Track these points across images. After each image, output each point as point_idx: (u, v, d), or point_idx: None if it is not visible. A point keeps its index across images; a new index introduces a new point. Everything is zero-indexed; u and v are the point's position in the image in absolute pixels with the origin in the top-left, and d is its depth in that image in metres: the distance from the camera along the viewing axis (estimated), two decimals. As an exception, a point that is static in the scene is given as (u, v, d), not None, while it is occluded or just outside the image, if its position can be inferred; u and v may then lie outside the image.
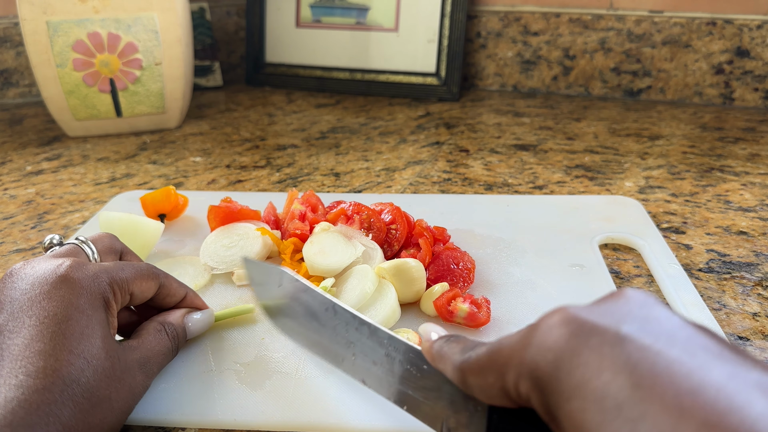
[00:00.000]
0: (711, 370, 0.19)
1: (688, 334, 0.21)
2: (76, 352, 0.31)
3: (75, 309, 0.32)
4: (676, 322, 0.22)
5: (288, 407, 0.37)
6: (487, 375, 0.25)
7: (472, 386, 0.27)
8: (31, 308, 0.32)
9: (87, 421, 0.30)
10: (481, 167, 0.75)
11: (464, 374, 0.27)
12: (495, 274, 0.50)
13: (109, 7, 0.80)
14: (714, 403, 0.18)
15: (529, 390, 0.23)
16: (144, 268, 0.38)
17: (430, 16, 1.02)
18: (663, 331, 0.21)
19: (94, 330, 0.32)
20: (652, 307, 0.23)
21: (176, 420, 0.36)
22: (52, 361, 0.30)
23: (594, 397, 0.20)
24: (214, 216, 0.54)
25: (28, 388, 0.29)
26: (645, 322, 0.22)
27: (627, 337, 0.21)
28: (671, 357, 0.20)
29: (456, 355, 0.28)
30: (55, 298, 0.32)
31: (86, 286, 0.34)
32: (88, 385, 0.31)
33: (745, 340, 0.43)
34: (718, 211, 0.62)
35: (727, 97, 0.97)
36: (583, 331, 0.22)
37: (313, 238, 0.49)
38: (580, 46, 1.02)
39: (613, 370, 0.20)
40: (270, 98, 1.08)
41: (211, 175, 0.74)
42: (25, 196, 0.70)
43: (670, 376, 0.19)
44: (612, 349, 0.21)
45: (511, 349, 0.24)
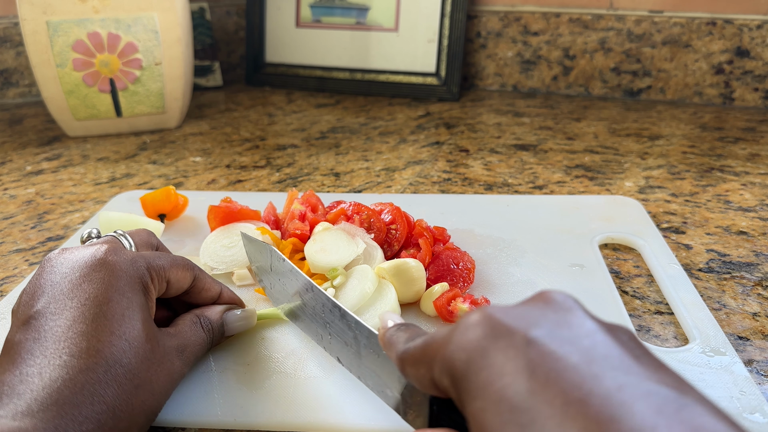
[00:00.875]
0: (603, 380, 0.20)
1: (593, 342, 0.22)
2: (117, 334, 0.31)
3: (115, 291, 0.33)
4: (587, 328, 0.22)
5: (288, 407, 0.37)
6: (419, 366, 0.26)
7: (409, 375, 0.28)
8: (72, 291, 0.32)
9: (130, 402, 0.31)
10: (481, 167, 0.75)
11: (403, 363, 0.28)
12: (495, 274, 0.50)
13: (109, 7, 0.80)
14: (597, 412, 0.18)
15: (448, 385, 0.24)
16: (179, 259, 0.39)
17: (430, 16, 1.02)
18: (569, 337, 0.22)
19: (134, 312, 0.33)
20: (568, 311, 0.23)
21: (176, 420, 0.36)
22: (94, 341, 0.30)
23: (494, 399, 0.21)
24: (214, 216, 0.54)
25: (73, 368, 0.29)
26: (556, 327, 0.22)
27: (533, 341, 0.21)
28: (569, 364, 0.20)
29: (400, 344, 0.29)
30: (96, 281, 0.33)
31: (125, 269, 0.34)
32: (130, 366, 0.31)
33: (745, 340, 0.43)
34: (718, 211, 0.62)
35: (727, 97, 0.97)
36: (494, 333, 0.23)
37: (315, 236, 0.49)
38: (580, 46, 1.02)
39: (514, 372, 0.21)
40: (270, 98, 1.08)
41: (211, 175, 0.74)
42: (25, 196, 0.70)
43: (563, 382, 0.20)
44: (517, 352, 0.21)
45: (439, 343, 0.25)
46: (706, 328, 0.43)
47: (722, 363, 0.40)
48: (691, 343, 0.42)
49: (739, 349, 0.42)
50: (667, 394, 0.19)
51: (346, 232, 0.49)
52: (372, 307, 0.44)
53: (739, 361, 0.40)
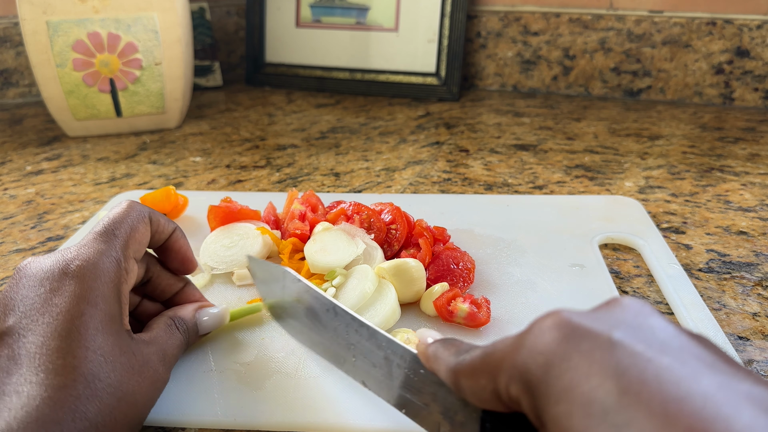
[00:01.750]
0: (700, 380, 0.19)
1: (681, 343, 0.21)
2: (92, 348, 0.31)
3: (86, 303, 0.32)
4: (670, 331, 0.22)
5: (288, 407, 0.37)
6: (479, 377, 0.25)
7: (465, 389, 0.27)
8: (43, 306, 0.31)
9: (113, 416, 0.30)
10: (481, 167, 0.75)
11: (457, 376, 0.27)
12: (495, 274, 0.50)
13: (109, 7, 0.80)
14: (700, 412, 0.18)
15: (519, 393, 0.23)
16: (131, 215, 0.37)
17: (430, 16, 1.02)
18: (656, 339, 0.21)
19: (107, 325, 0.32)
20: (648, 316, 0.23)
21: (176, 420, 0.36)
22: (70, 358, 0.30)
23: (581, 402, 0.20)
24: (214, 216, 0.54)
25: (50, 386, 0.29)
26: (638, 330, 0.22)
27: (618, 343, 0.21)
28: (661, 364, 0.20)
29: (450, 358, 0.28)
30: (66, 294, 0.32)
31: (96, 273, 0.33)
32: (109, 380, 0.30)
33: (745, 340, 0.43)
34: (718, 211, 0.62)
35: (727, 97, 0.97)
36: (575, 335, 0.22)
37: (315, 236, 0.49)
38: (580, 46, 1.02)
39: (602, 375, 0.20)
40: (270, 98, 1.08)
41: (211, 175, 0.74)
42: (25, 196, 0.70)
43: (658, 383, 0.19)
44: (602, 354, 0.21)
45: (504, 351, 0.24)
46: (706, 328, 0.43)
47: (722, 363, 0.39)
48: (691, 343, 0.42)
49: (739, 349, 0.42)
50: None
51: (346, 232, 0.49)
52: (372, 307, 0.44)
53: (739, 361, 0.40)
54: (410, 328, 0.44)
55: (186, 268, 0.41)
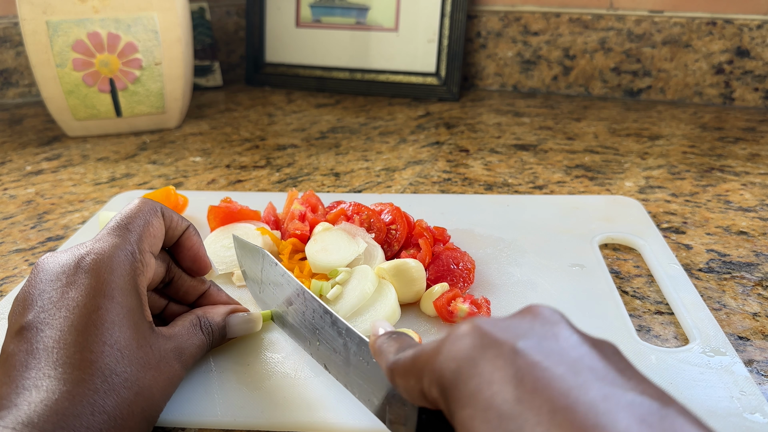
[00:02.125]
0: (588, 390, 0.20)
1: (579, 354, 0.22)
2: (109, 343, 0.31)
3: (103, 297, 0.32)
4: (573, 341, 0.23)
5: (288, 407, 0.37)
6: (409, 377, 0.27)
7: (399, 386, 0.28)
8: (60, 300, 0.32)
9: (131, 410, 0.30)
10: (481, 167, 0.75)
11: (393, 374, 0.28)
12: (495, 274, 0.50)
13: (109, 7, 0.80)
14: (583, 420, 0.19)
15: (437, 396, 0.24)
16: (144, 210, 0.37)
17: (430, 16, 1.02)
18: (556, 349, 0.23)
19: (124, 318, 0.32)
20: (554, 325, 0.24)
21: (176, 420, 0.36)
22: (87, 353, 0.30)
23: (482, 406, 0.21)
24: (214, 216, 0.54)
25: (68, 380, 0.29)
26: (542, 339, 0.23)
27: (520, 352, 0.22)
28: (555, 374, 0.21)
29: (390, 355, 0.29)
30: (82, 287, 0.32)
31: (112, 267, 0.33)
32: (126, 375, 0.31)
33: (745, 340, 0.43)
34: (718, 211, 0.62)
35: (727, 97, 0.97)
36: (483, 343, 0.23)
37: (315, 236, 0.49)
38: (580, 46, 1.02)
39: (502, 381, 0.21)
40: (270, 98, 1.08)
41: (211, 175, 0.74)
42: (25, 196, 0.70)
43: (549, 391, 0.20)
44: (505, 361, 0.22)
45: (428, 354, 0.26)
46: (707, 328, 0.43)
47: (722, 363, 0.40)
48: (692, 343, 0.42)
49: (740, 349, 0.42)
50: (650, 404, 0.20)
51: (347, 232, 0.49)
52: (372, 307, 0.44)
53: (739, 361, 0.40)
54: (410, 328, 0.44)
55: (198, 266, 0.41)
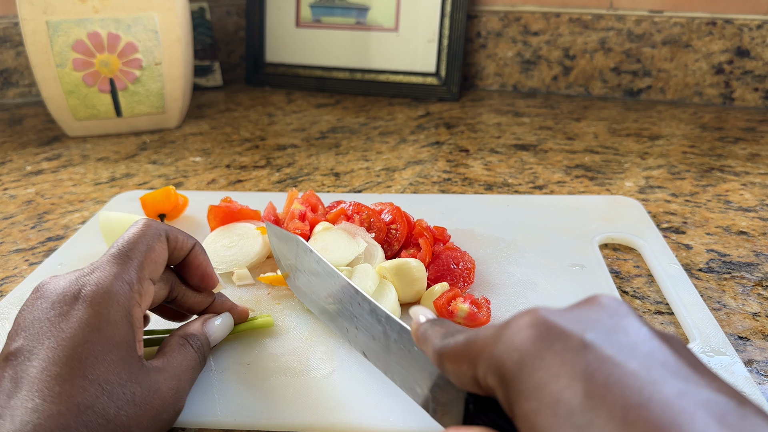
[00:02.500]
0: (663, 386, 0.20)
1: (650, 348, 0.22)
2: (90, 378, 0.30)
3: (92, 330, 0.31)
4: (642, 334, 0.23)
5: (288, 407, 0.37)
6: (461, 363, 0.26)
7: (448, 371, 0.27)
8: (50, 330, 0.31)
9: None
10: (481, 167, 0.75)
11: (442, 359, 0.28)
12: (495, 274, 0.50)
13: (109, 7, 0.80)
14: (658, 418, 0.19)
15: (494, 384, 0.24)
16: (148, 234, 0.36)
17: (430, 16, 1.02)
18: (626, 343, 0.22)
19: (111, 352, 0.31)
20: (623, 317, 0.23)
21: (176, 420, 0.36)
22: (67, 386, 0.29)
23: (549, 401, 0.21)
24: (214, 216, 0.54)
25: (43, 412, 0.28)
26: (611, 332, 0.22)
27: (590, 345, 0.22)
28: (627, 369, 0.21)
29: (437, 339, 0.29)
30: (73, 319, 0.31)
31: (107, 298, 0.32)
32: (103, 412, 0.30)
33: (745, 340, 0.43)
34: (718, 211, 0.62)
35: (727, 97, 0.97)
36: (549, 335, 0.23)
37: (315, 236, 0.49)
38: (580, 46, 1.02)
39: (571, 376, 0.21)
40: (270, 98, 1.08)
41: (211, 175, 0.74)
42: (25, 196, 0.70)
43: (622, 388, 0.20)
44: (573, 355, 0.22)
45: (485, 342, 0.25)
46: (706, 328, 0.43)
47: (722, 363, 0.40)
48: (692, 343, 0.42)
49: (739, 349, 0.42)
50: (728, 403, 0.19)
51: (347, 232, 0.49)
52: (372, 307, 0.44)
53: (739, 361, 0.40)
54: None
55: (206, 284, 0.40)
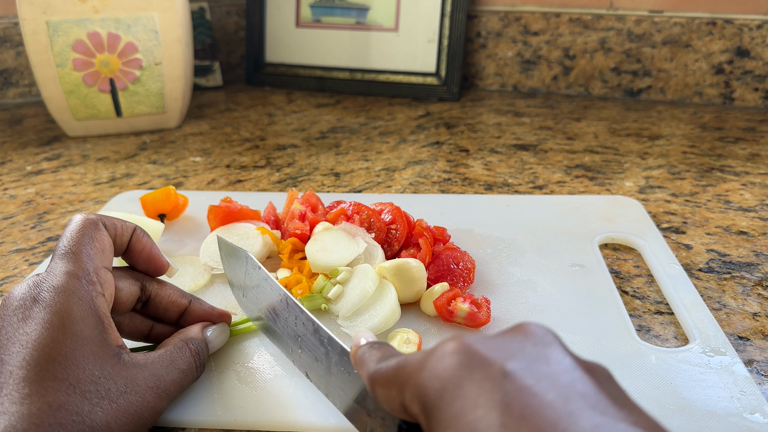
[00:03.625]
0: (579, 419, 0.19)
1: (571, 378, 0.21)
2: (60, 377, 0.30)
3: (57, 330, 0.31)
4: (565, 364, 0.22)
5: (288, 407, 0.37)
6: (390, 388, 0.26)
7: (379, 397, 0.27)
8: (14, 334, 0.31)
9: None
10: (481, 167, 0.75)
11: (373, 384, 0.27)
12: (495, 274, 0.50)
13: (109, 7, 0.80)
14: None
15: (418, 412, 0.23)
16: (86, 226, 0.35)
17: (430, 16, 1.02)
18: (547, 372, 0.21)
19: (80, 350, 0.31)
20: (547, 346, 0.23)
21: (176, 420, 0.36)
22: (36, 387, 0.29)
23: (464, 431, 0.20)
24: (214, 216, 0.54)
25: (14, 415, 0.28)
26: (533, 361, 0.22)
27: (509, 374, 0.21)
28: (545, 400, 0.20)
29: (372, 364, 0.28)
30: (37, 321, 0.31)
31: (68, 297, 0.32)
32: (77, 410, 0.29)
33: (745, 340, 0.43)
34: (718, 211, 0.62)
35: (727, 97, 0.97)
36: (471, 363, 0.22)
37: (315, 236, 0.49)
38: (580, 46, 1.02)
39: (488, 406, 0.20)
40: (270, 98, 1.08)
41: (211, 175, 0.74)
42: (25, 196, 0.70)
43: (538, 419, 0.19)
44: (492, 384, 0.21)
45: (413, 368, 0.24)
46: (706, 328, 0.43)
47: (722, 363, 0.40)
48: (691, 343, 0.42)
49: (739, 349, 0.42)
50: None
51: (347, 232, 0.49)
52: (372, 306, 0.44)
53: (739, 361, 0.40)
54: (410, 328, 0.44)
55: (154, 267, 0.39)
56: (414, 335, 0.42)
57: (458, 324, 0.43)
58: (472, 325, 0.43)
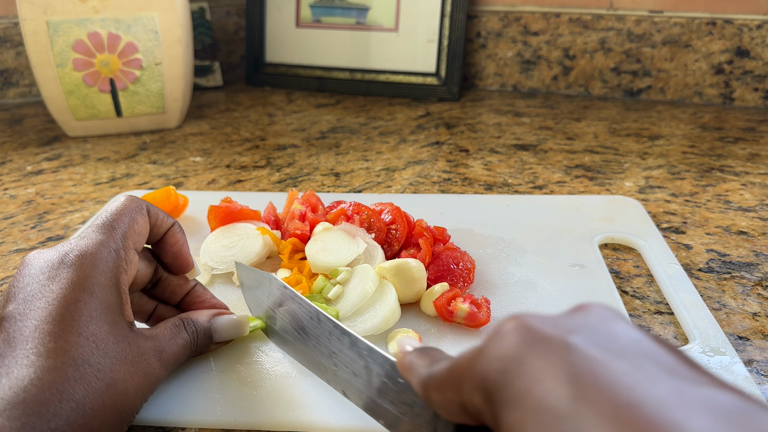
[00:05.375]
0: (656, 385, 0.18)
1: (641, 349, 0.20)
2: (84, 335, 0.31)
3: (83, 291, 0.32)
4: (632, 336, 0.21)
5: (288, 407, 0.37)
6: (446, 390, 0.24)
7: (434, 402, 0.26)
8: (40, 292, 0.32)
9: (100, 401, 0.31)
10: (481, 167, 0.75)
11: (427, 389, 0.26)
12: (495, 274, 0.50)
13: (109, 7, 0.80)
14: (652, 418, 0.17)
15: (480, 402, 0.22)
16: (130, 208, 0.37)
17: (430, 16, 1.02)
18: (615, 344, 0.21)
19: (102, 314, 0.33)
20: (610, 321, 0.22)
21: (176, 420, 0.36)
22: (62, 342, 0.30)
23: (534, 407, 0.19)
24: (214, 216, 0.54)
25: (40, 367, 0.29)
26: (598, 334, 0.21)
27: (574, 347, 0.20)
28: (616, 369, 0.19)
29: (422, 369, 0.27)
30: (62, 280, 0.33)
31: (95, 264, 0.34)
32: (98, 366, 0.31)
33: (745, 340, 0.43)
34: (718, 211, 0.62)
35: (727, 97, 0.97)
36: (532, 339, 0.21)
37: (315, 236, 0.49)
38: (580, 46, 1.02)
39: (556, 379, 0.19)
40: (270, 98, 1.08)
41: (211, 175, 0.74)
42: (25, 196, 0.70)
43: (612, 388, 0.18)
44: (557, 357, 0.20)
45: (468, 360, 0.23)
46: (706, 328, 0.43)
47: (722, 363, 0.40)
48: (691, 343, 0.42)
49: (739, 349, 0.42)
50: (731, 399, 0.18)
51: (347, 232, 0.49)
52: (372, 307, 0.44)
53: (739, 361, 0.40)
54: (410, 328, 0.44)
55: (179, 263, 0.40)
56: (414, 335, 0.42)
57: (458, 324, 0.43)
58: (472, 325, 0.43)
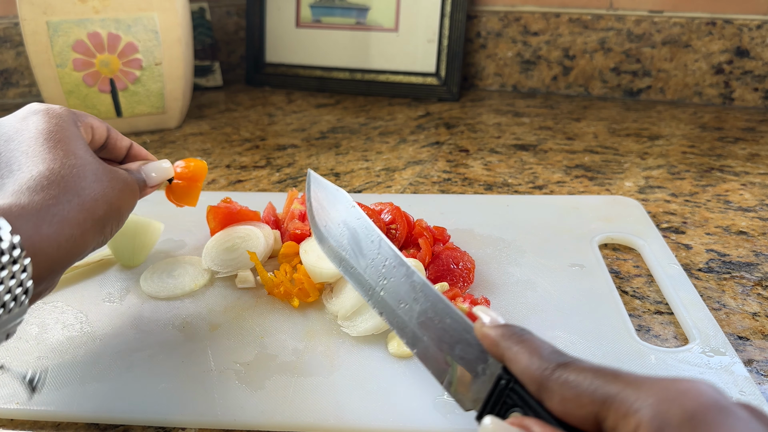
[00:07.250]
0: None
1: None
2: (72, 150, 0.36)
3: (56, 124, 0.37)
4: None
5: (288, 407, 0.37)
6: (583, 398, 0.24)
7: (554, 395, 0.26)
8: (17, 126, 0.37)
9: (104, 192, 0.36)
10: (481, 167, 0.75)
11: (550, 384, 0.26)
12: (495, 274, 0.50)
13: (109, 7, 0.80)
14: None
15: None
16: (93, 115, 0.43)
17: (430, 16, 1.02)
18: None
19: (79, 139, 0.38)
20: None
21: (176, 420, 0.36)
22: (59, 150, 0.35)
23: None
24: (214, 216, 0.54)
25: (44, 170, 0.34)
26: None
27: None
28: None
29: (535, 361, 0.27)
30: (37, 118, 0.37)
31: (58, 113, 0.38)
32: (86, 176, 0.36)
33: (745, 340, 0.43)
34: (717, 211, 0.62)
35: (726, 97, 0.97)
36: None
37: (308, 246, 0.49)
38: (580, 46, 1.02)
39: None
40: (270, 98, 1.08)
41: (211, 175, 0.74)
42: (25, 196, 0.70)
43: None
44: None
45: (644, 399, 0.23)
46: (706, 328, 0.43)
47: (722, 363, 0.40)
48: (691, 343, 0.42)
49: (739, 349, 0.42)
50: None
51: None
52: (372, 307, 0.44)
53: (738, 361, 0.40)
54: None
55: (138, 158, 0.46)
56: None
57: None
58: (472, 325, 0.43)
